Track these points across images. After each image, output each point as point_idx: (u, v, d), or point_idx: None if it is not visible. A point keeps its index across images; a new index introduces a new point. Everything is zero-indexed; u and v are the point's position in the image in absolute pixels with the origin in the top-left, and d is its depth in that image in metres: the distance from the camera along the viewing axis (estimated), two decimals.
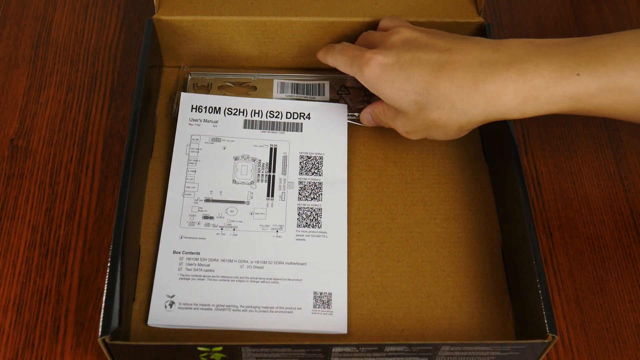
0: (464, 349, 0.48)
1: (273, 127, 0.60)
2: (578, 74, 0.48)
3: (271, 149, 0.59)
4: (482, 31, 0.61)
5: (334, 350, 0.47)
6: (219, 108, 0.61)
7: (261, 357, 0.48)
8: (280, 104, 0.61)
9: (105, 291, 0.47)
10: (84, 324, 0.52)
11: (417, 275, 0.55)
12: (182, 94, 0.61)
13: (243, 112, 0.61)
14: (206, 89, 0.62)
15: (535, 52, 0.49)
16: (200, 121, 0.60)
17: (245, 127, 0.60)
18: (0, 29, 0.69)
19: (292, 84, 0.63)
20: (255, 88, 0.63)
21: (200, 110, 0.60)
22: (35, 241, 0.56)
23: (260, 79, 0.63)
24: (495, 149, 0.59)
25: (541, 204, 0.59)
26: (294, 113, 0.61)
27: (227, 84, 0.63)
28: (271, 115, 0.61)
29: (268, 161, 0.58)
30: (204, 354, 0.47)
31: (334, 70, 0.59)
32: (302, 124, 0.60)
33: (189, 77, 0.63)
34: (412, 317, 0.53)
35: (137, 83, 0.56)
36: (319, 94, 0.62)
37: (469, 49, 0.51)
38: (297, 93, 0.62)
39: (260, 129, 0.60)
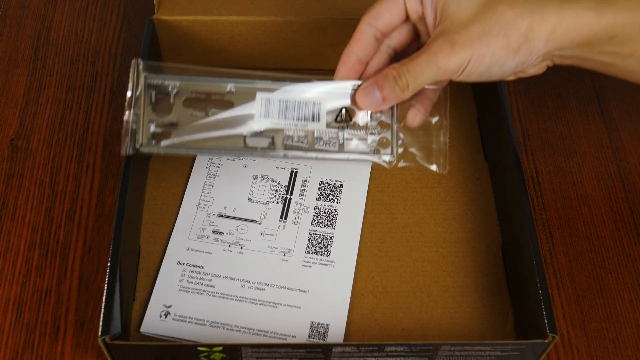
0: (464, 349, 0.48)
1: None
2: None
3: (292, 172, 0.58)
4: None
5: (334, 350, 0.47)
6: None
7: (261, 357, 0.48)
8: None
9: (105, 291, 0.47)
10: (84, 324, 0.52)
11: (417, 275, 0.55)
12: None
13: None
14: (167, 101, 0.49)
15: None
16: None
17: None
18: (0, 28, 0.69)
19: (279, 101, 0.50)
20: (232, 104, 0.50)
21: None
22: (35, 241, 0.56)
23: (238, 90, 0.50)
24: (495, 149, 0.59)
25: (541, 204, 0.59)
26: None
27: (195, 94, 0.50)
28: (297, 140, 0.56)
29: (287, 183, 0.58)
30: (204, 354, 0.47)
31: (330, 72, 0.55)
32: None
33: (144, 79, 0.49)
34: (412, 317, 0.53)
35: None
36: (313, 120, 0.50)
37: None
38: (285, 118, 0.50)
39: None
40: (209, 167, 0.59)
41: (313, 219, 0.56)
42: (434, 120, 0.52)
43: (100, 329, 0.45)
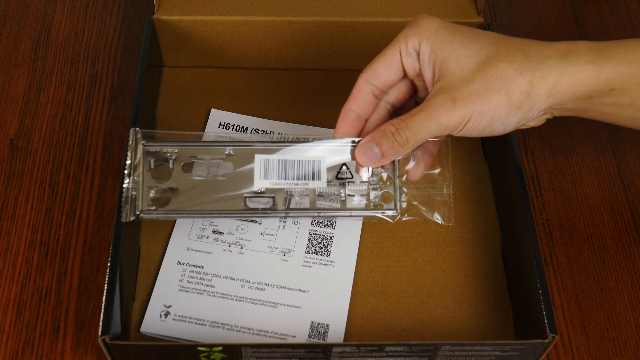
0: (464, 349, 0.48)
1: None
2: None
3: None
4: None
5: (334, 350, 0.47)
6: (247, 127, 0.61)
7: (261, 357, 0.48)
8: (308, 130, 0.60)
9: (105, 291, 0.47)
10: (84, 324, 0.52)
11: (417, 275, 0.55)
12: (212, 110, 0.61)
13: (270, 133, 0.60)
14: (166, 167, 0.50)
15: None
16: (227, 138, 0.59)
17: None
18: (0, 28, 0.69)
19: (278, 162, 0.50)
20: (230, 167, 0.50)
21: (227, 127, 0.61)
22: (35, 241, 0.56)
23: (237, 152, 0.50)
24: (495, 149, 0.59)
25: (541, 204, 0.59)
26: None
27: (194, 159, 0.50)
28: (297, 140, 0.58)
29: None
30: (204, 354, 0.47)
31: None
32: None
33: (142, 148, 0.49)
34: (412, 317, 0.53)
35: (137, 83, 0.56)
36: (314, 178, 0.50)
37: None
38: (284, 178, 0.50)
39: None
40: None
41: (313, 218, 0.56)
42: (436, 172, 0.52)
43: (100, 329, 0.45)
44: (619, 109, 0.49)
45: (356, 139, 0.50)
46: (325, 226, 0.56)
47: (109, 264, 0.48)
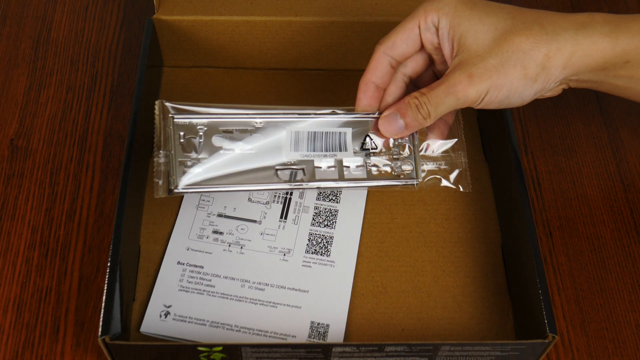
0: (464, 349, 0.48)
1: None
2: None
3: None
4: None
5: (334, 350, 0.47)
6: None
7: (261, 357, 0.48)
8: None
9: (105, 291, 0.47)
10: (84, 324, 0.52)
11: (417, 275, 0.55)
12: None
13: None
14: (196, 140, 0.50)
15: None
16: None
17: None
18: (0, 28, 0.69)
19: (308, 134, 0.52)
20: (260, 139, 0.52)
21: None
22: (35, 241, 0.56)
23: (266, 124, 0.52)
24: (495, 149, 0.59)
25: (541, 204, 0.59)
26: None
27: (223, 131, 0.51)
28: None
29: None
30: (204, 354, 0.47)
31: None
32: None
33: (172, 122, 0.50)
34: (412, 317, 0.53)
35: (137, 83, 0.56)
36: (341, 148, 0.52)
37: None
38: (313, 150, 0.52)
39: None
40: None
41: (313, 218, 0.56)
42: (452, 142, 0.54)
43: (100, 329, 0.45)
44: (634, 83, 0.49)
45: (375, 112, 0.52)
46: (325, 226, 0.56)
47: (109, 264, 0.48)
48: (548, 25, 0.47)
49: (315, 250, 0.55)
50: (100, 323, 0.45)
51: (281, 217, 0.56)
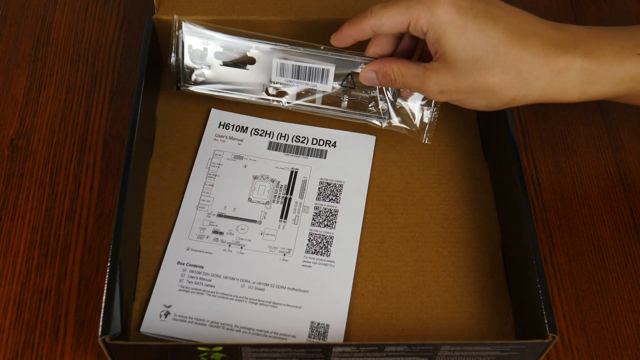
0: (464, 349, 0.48)
1: (297, 151, 0.60)
2: (638, 54, 0.49)
3: (292, 172, 0.59)
4: None
5: (334, 350, 0.47)
6: (246, 128, 0.61)
7: (261, 357, 0.48)
8: (308, 130, 0.61)
9: (105, 291, 0.47)
10: (84, 324, 0.52)
11: (417, 275, 0.55)
12: (212, 110, 0.62)
13: (270, 133, 0.61)
14: (202, 53, 0.58)
15: (595, 34, 0.50)
16: (226, 138, 0.60)
17: (269, 148, 0.60)
18: (0, 28, 0.69)
19: (292, 65, 0.57)
20: (253, 61, 0.58)
21: (227, 127, 0.61)
22: (35, 241, 0.56)
23: (260, 49, 0.57)
24: (495, 149, 0.59)
25: (541, 204, 0.59)
26: (320, 140, 0.61)
27: (224, 51, 0.58)
28: (297, 140, 0.60)
29: (287, 183, 0.58)
30: (204, 354, 0.47)
31: (341, 50, 0.56)
32: (326, 151, 0.60)
33: (183, 34, 0.58)
34: (412, 317, 0.53)
35: (137, 83, 0.56)
36: (322, 81, 0.57)
37: (533, 20, 0.50)
38: (297, 78, 0.57)
39: (284, 151, 0.60)
40: (209, 167, 0.59)
41: (313, 219, 0.56)
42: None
43: (100, 329, 0.45)
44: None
45: (364, 57, 0.56)
46: (325, 226, 0.56)
47: (109, 264, 0.48)
48: (524, 72, 0.49)
49: (315, 250, 0.55)
50: (100, 323, 0.45)
51: (281, 217, 0.56)
